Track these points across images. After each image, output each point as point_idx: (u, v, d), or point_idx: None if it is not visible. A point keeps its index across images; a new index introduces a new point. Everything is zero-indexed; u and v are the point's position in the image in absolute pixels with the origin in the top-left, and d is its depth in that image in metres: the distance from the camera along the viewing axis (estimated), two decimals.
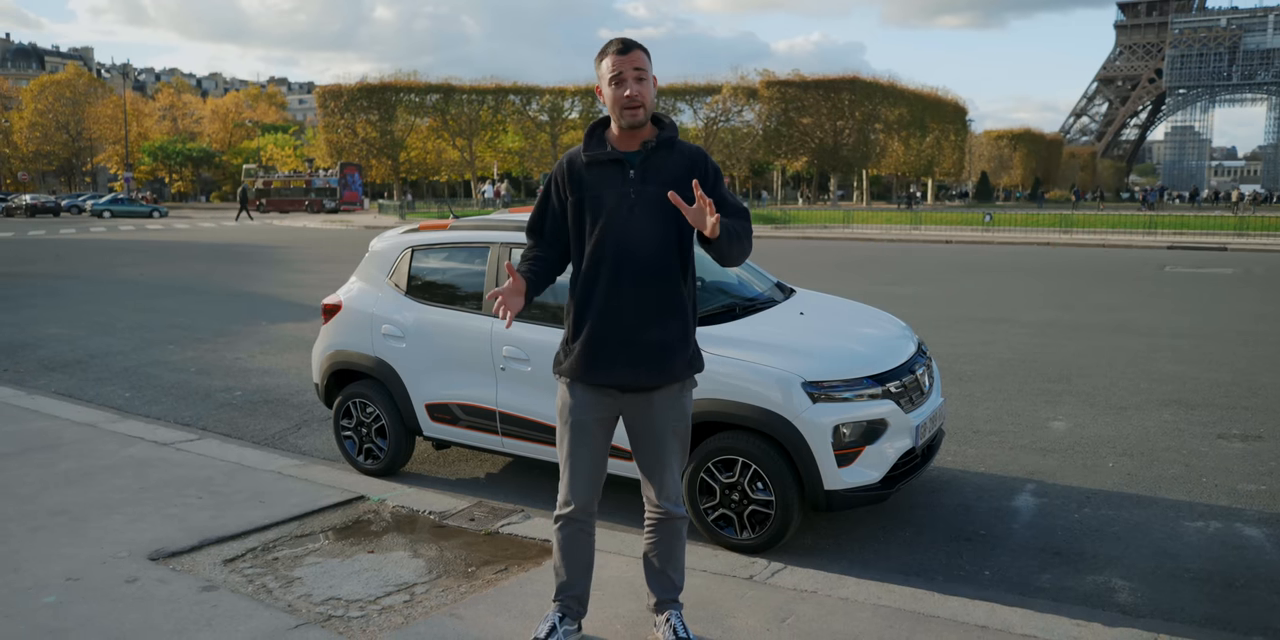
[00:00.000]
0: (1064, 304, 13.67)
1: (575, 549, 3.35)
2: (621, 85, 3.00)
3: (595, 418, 3.22)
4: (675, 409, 3.24)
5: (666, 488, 3.29)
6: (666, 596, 3.41)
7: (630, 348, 3.11)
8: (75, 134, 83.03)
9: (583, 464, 3.26)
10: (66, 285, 17.09)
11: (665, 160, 3.09)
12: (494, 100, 72.51)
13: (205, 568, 4.08)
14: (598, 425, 3.24)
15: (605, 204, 3.09)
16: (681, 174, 3.06)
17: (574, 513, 3.30)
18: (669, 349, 3.14)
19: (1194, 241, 27.09)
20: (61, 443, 6.05)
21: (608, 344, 3.13)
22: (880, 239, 31.34)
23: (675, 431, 3.25)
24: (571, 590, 3.39)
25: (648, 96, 3.04)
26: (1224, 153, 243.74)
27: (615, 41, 3.03)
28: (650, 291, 3.11)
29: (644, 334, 3.11)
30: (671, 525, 3.34)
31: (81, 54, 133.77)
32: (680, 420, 3.26)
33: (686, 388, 3.27)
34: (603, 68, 3.04)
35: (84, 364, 9.41)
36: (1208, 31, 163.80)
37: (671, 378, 3.18)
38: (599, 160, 3.12)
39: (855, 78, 74.45)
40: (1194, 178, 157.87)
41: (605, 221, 3.09)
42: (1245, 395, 7.63)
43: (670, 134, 3.13)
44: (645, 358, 3.12)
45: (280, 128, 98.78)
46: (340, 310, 5.87)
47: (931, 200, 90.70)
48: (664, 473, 3.27)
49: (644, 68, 3.02)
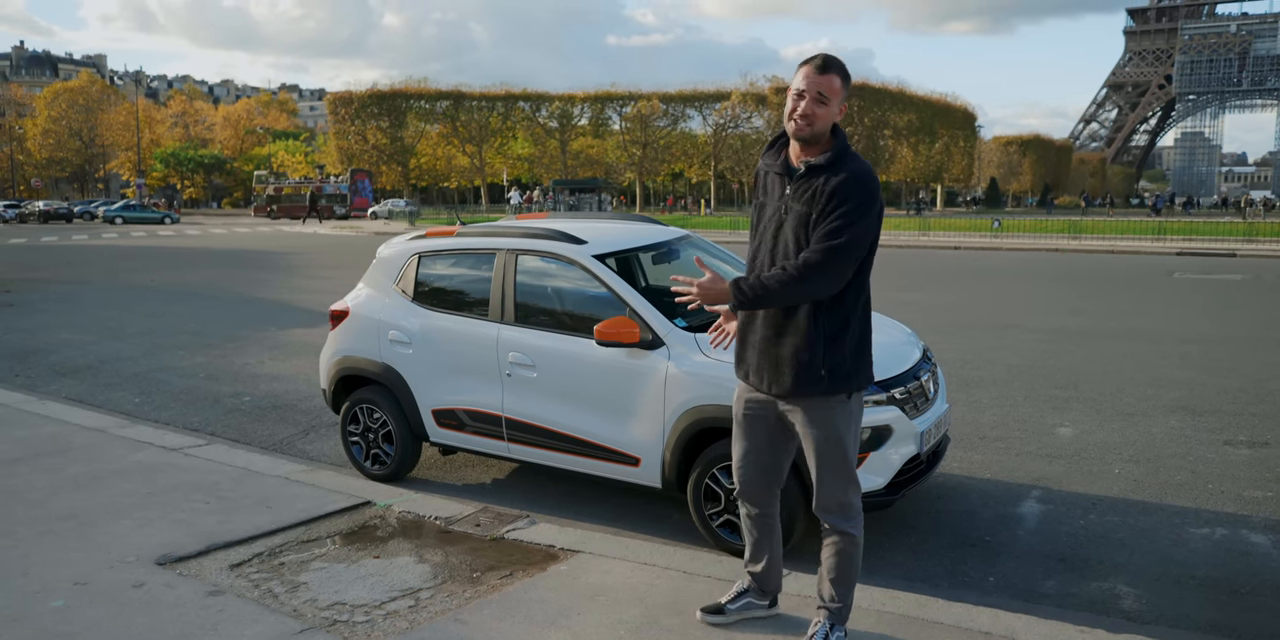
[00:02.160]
0: (1072, 310, 13.64)
1: (752, 527, 3.61)
2: (800, 100, 3.11)
3: (750, 414, 3.42)
4: (822, 422, 3.26)
5: (822, 498, 3.37)
6: (822, 604, 3.44)
7: (762, 356, 3.28)
8: (88, 141, 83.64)
9: (738, 456, 3.51)
10: (78, 291, 17.20)
11: (819, 180, 3.13)
12: (504, 107, 72.86)
13: (212, 572, 4.11)
14: (751, 422, 3.43)
15: (765, 214, 3.29)
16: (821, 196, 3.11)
17: (740, 497, 3.58)
18: (791, 364, 3.20)
19: (1203, 248, 26.96)
20: (71, 447, 6.09)
21: (747, 349, 3.35)
22: (888, 244, 31.24)
23: (822, 445, 3.28)
24: (753, 565, 3.64)
25: (821, 118, 3.11)
26: (1234, 159, 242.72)
27: (819, 57, 3.13)
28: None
29: (771, 345, 3.25)
30: (834, 539, 3.39)
31: (95, 61, 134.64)
32: (828, 434, 3.27)
33: (834, 404, 3.25)
34: (795, 78, 3.15)
35: (94, 369, 9.47)
36: (1217, 37, 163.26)
37: (796, 393, 3.23)
38: (769, 171, 3.31)
39: (864, 84, 74.43)
40: (1205, 184, 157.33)
41: (760, 230, 3.30)
42: (1253, 401, 7.61)
43: (833, 156, 3.14)
44: (771, 368, 3.26)
45: (291, 134, 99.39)
46: (348, 316, 5.90)
47: (941, 206, 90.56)
48: (819, 483, 3.36)
49: (832, 92, 3.10)
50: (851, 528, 3.36)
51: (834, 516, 3.36)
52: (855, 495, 3.35)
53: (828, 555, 3.41)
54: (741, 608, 3.62)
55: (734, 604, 3.62)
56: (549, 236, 5.18)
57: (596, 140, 76.69)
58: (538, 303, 5.21)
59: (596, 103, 75.49)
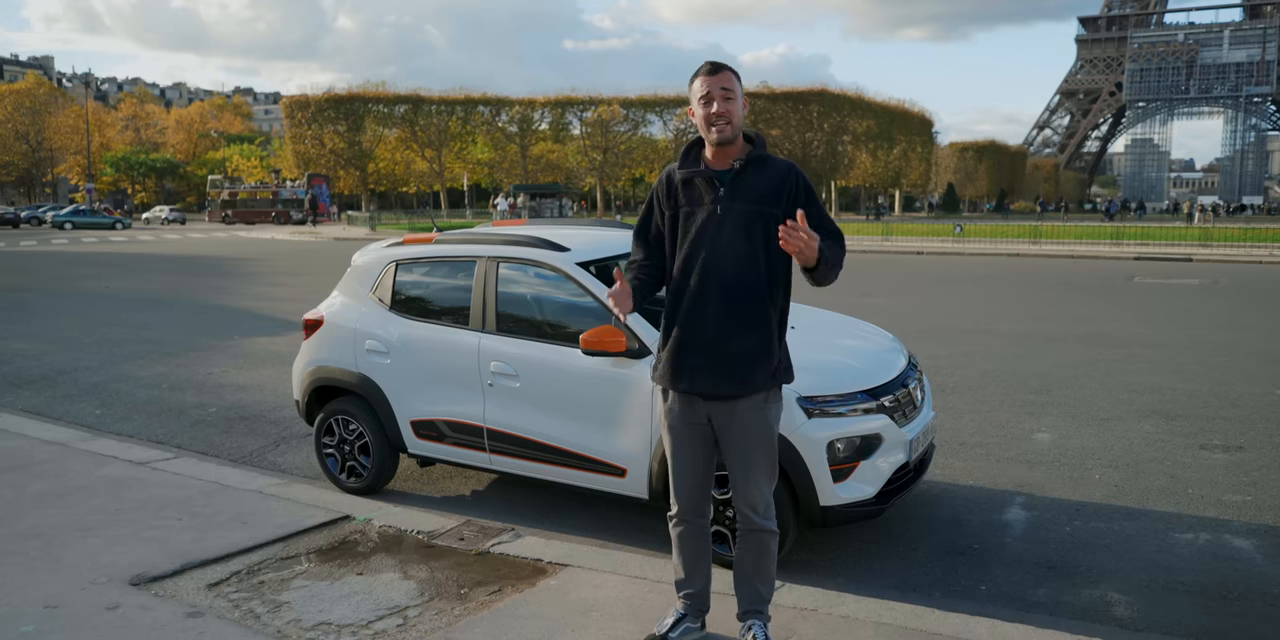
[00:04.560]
0: (1039, 315, 13.78)
1: (688, 546, 3.50)
2: (710, 104, 3.14)
3: (688, 423, 3.34)
4: (759, 419, 3.29)
5: (750, 497, 3.35)
6: (751, 607, 3.46)
7: (713, 358, 3.22)
8: (35, 144, 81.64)
9: (678, 469, 3.41)
10: (29, 299, 16.74)
11: (755, 177, 3.22)
12: (463, 111, 72.33)
13: (189, 592, 3.96)
14: (691, 431, 3.35)
15: (696, 219, 3.25)
16: (770, 190, 3.21)
17: (681, 514, 3.45)
18: (750, 360, 3.23)
19: (1160, 252, 27.47)
20: (32, 462, 5.88)
21: (692, 353, 3.25)
22: (852, 250, 30.89)
23: (760, 441, 3.31)
24: (690, 587, 3.53)
25: (735, 114, 3.16)
26: (1182, 164, 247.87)
27: (706, 64, 3.19)
28: (734, 305, 3.21)
29: (726, 345, 3.21)
30: (757, 537, 3.40)
31: (42, 63, 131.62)
32: (765, 430, 3.32)
33: (771, 399, 3.32)
34: (693, 89, 3.19)
35: (51, 380, 9.19)
36: (1166, 46, 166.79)
37: (752, 388, 3.25)
38: (692, 178, 3.27)
39: (823, 90, 75.13)
40: (1154, 189, 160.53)
41: (695, 236, 3.24)
42: (1224, 406, 7.70)
43: (760, 152, 3.25)
44: (726, 367, 3.22)
45: (246, 138, 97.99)
46: (322, 325, 5.76)
47: (899, 211, 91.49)
48: (748, 482, 3.34)
49: (732, 88, 3.15)
50: (772, 524, 3.40)
51: (759, 515, 3.37)
52: (772, 489, 3.40)
53: (753, 556, 3.41)
54: (682, 633, 3.51)
55: (675, 632, 3.50)
56: (531, 244, 5.09)
57: (557, 145, 76.40)
58: (520, 311, 5.12)
59: (557, 107, 75.18)
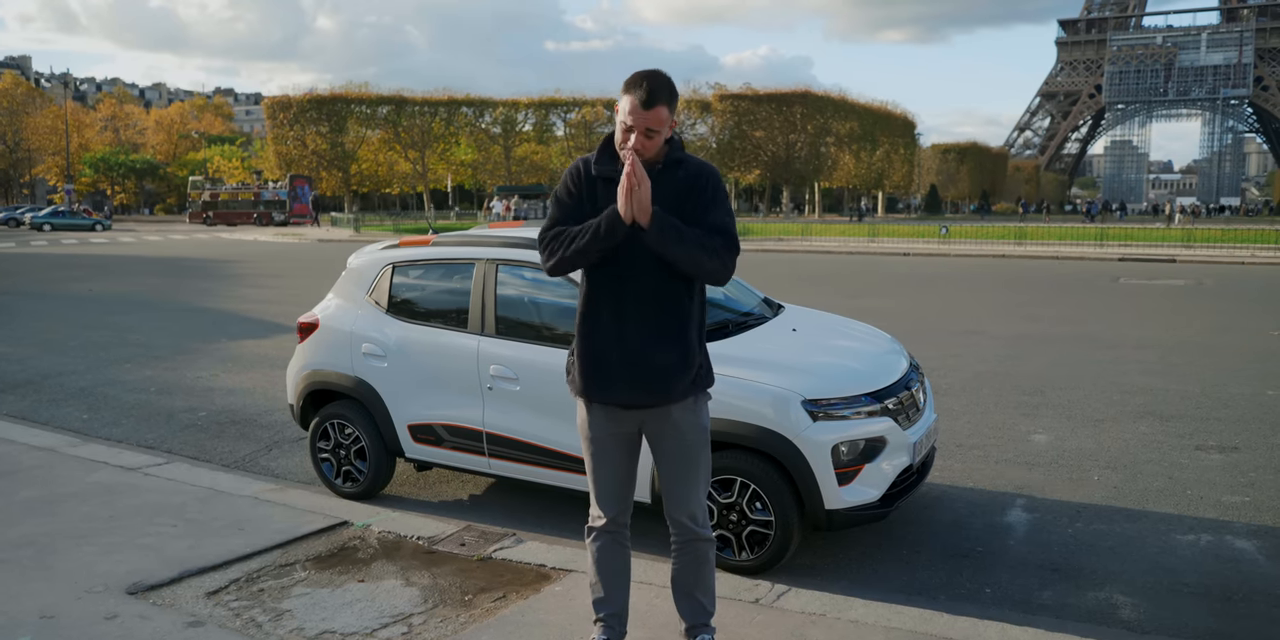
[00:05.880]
0: (1029, 316, 13.82)
1: (609, 559, 3.31)
2: (629, 135, 2.95)
3: (611, 433, 3.20)
4: (690, 424, 3.18)
5: (687, 506, 3.23)
6: (698, 621, 3.34)
7: (631, 368, 3.07)
8: (13, 145, 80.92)
9: (605, 479, 3.25)
10: (11, 302, 16.54)
11: (669, 180, 3.03)
12: (446, 112, 72.04)
13: (188, 601, 3.89)
14: (615, 440, 3.21)
15: None
16: (683, 191, 3.04)
17: (605, 525, 3.28)
18: (668, 371, 3.09)
19: (1143, 253, 27.66)
20: (20, 469, 5.78)
21: (608, 363, 3.09)
22: (839, 251, 31.58)
23: (692, 447, 3.19)
24: (609, 607, 3.33)
25: (652, 149, 2.98)
26: (1161, 166, 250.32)
27: (643, 88, 2.90)
28: (650, 311, 3.07)
29: (644, 355, 3.06)
30: (695, 547, 3.27)
31: (19, 62, 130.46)
32: (701, 433, 3.21)
33: (700, 403, 3.22)
34: (622, 107, 2.95)
35: (37, 385, 9.07)
36: (1144, 49, 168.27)
37: (669, 400, 3.11)
38: (608, 177, 3.05)
39: (807, 92, 75.26)
40: (1134, 191, 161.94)
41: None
42: (1217, 407, 7.73)
43: (678, 154, 3.08)
44: (645, 378, 3.08)
45: (227, 139, 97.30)
46: (317, 328, 5.69)
47: (882, 212, 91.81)
48: (683, 490, 3.22)
49: (659, 127, 2.94)
50: (709, 532, 3.29)
51: (697, 524, 3.25)
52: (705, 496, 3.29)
53: (694, 566, 3.28)
54: None
55: None
56: (530, 246, 5.04)
57: (541, 146, 76.32)
58: (520, 314, 5.07)
59: (541, 109, 75.08)
